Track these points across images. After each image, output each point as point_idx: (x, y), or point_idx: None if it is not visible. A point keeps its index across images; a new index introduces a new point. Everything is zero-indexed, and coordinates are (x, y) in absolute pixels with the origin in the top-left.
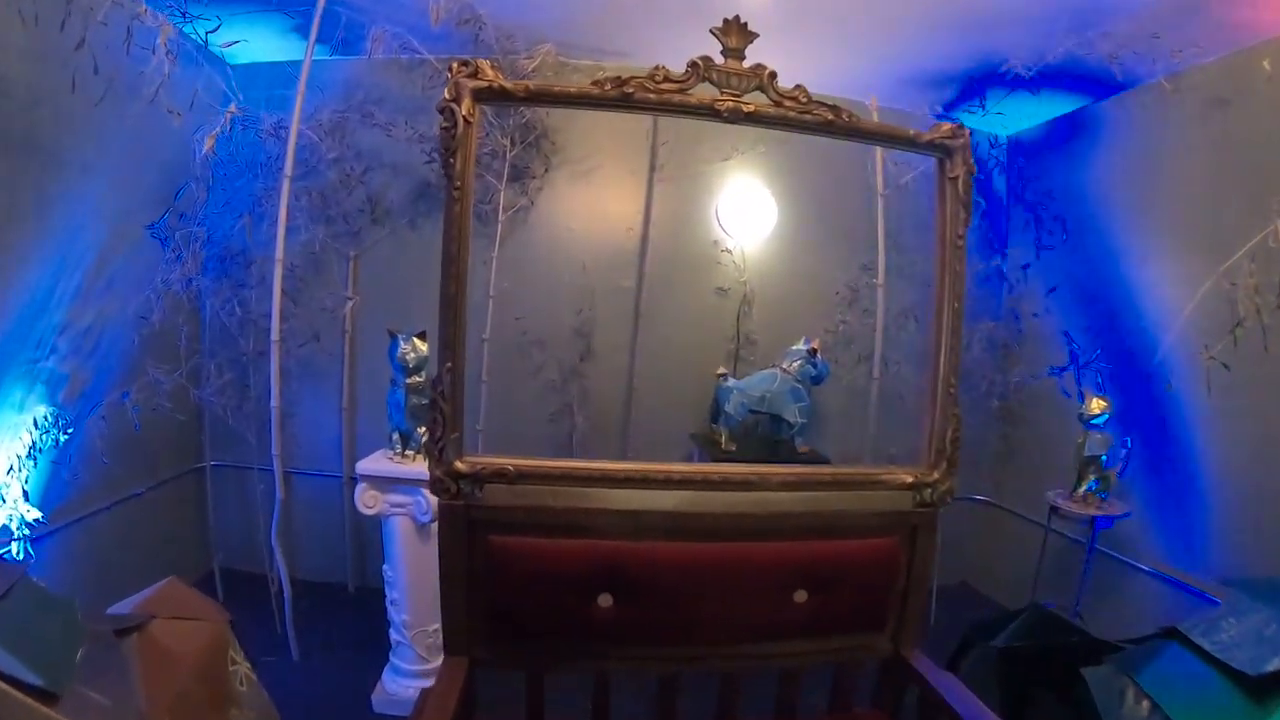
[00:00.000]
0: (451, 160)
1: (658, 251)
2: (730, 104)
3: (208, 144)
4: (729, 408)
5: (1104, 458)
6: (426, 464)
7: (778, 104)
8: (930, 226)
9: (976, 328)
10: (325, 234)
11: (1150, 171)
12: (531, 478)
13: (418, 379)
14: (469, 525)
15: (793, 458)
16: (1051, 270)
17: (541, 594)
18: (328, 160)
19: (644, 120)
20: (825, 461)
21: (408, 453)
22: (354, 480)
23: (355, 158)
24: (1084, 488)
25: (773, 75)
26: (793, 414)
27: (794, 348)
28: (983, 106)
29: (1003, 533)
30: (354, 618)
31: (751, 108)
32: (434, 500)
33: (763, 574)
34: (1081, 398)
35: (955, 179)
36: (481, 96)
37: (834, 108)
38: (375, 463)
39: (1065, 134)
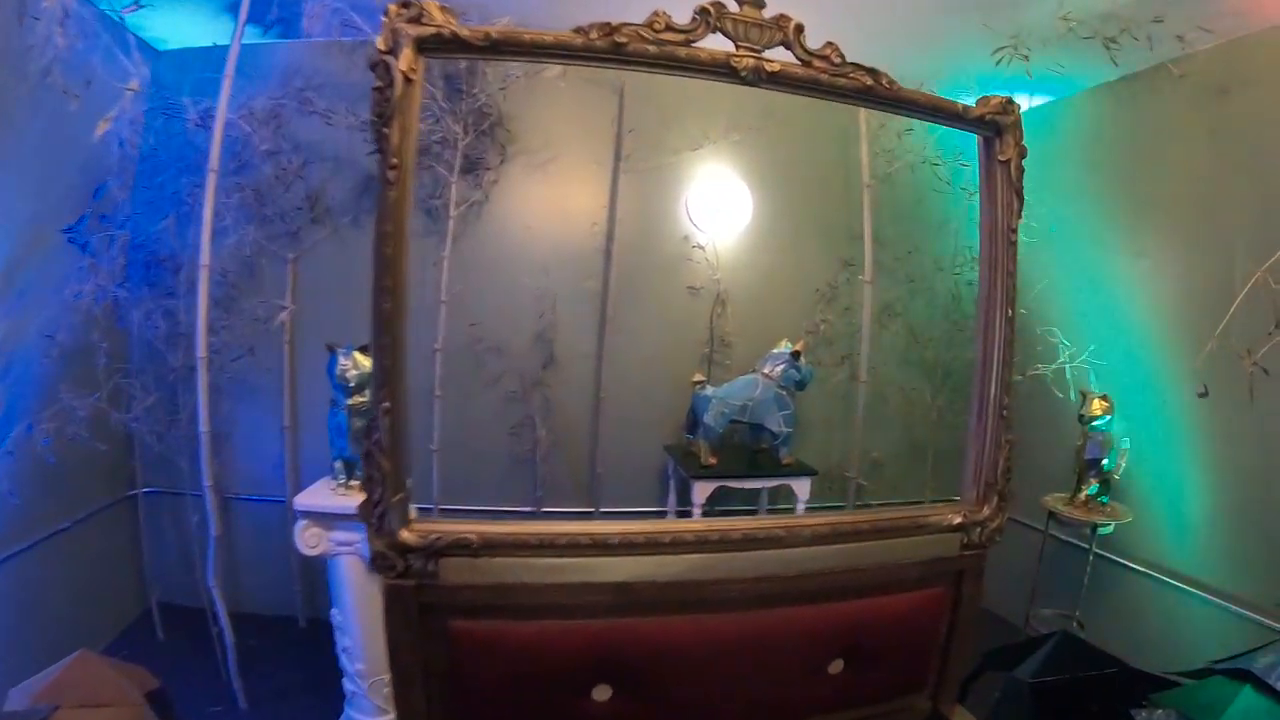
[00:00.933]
0: (386, 130)
1: (624, 249)
2: (750, 61)
3: (101, 127)
4: (708, 418)
5: (1106, 461)
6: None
7: (806, 64)
8: (915, 218)
9: (964, 322)
10: (260, 235)
11: (1147, 161)
12: (501, 547)
13: (361, 399)
14: (423, 610)
15: (776, 469)
16: (1038, 263)
17: (521, 691)
18: (262, 153)
19: (609, 105)
20: (811, 472)
21: (353, 483)
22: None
23: (293, 150)
24: (1085, 492)
25: (799, 28)
26: (777, 424)
27: (775, 351)
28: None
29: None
30: (307, 655)
31: (776, 67)
32: None
33: (792, 646)
34: (1079, 397)
35: (1007, 162)
36: (427, 46)
37: (872, 71)
38: (316, 496)
39: (1053, 120)
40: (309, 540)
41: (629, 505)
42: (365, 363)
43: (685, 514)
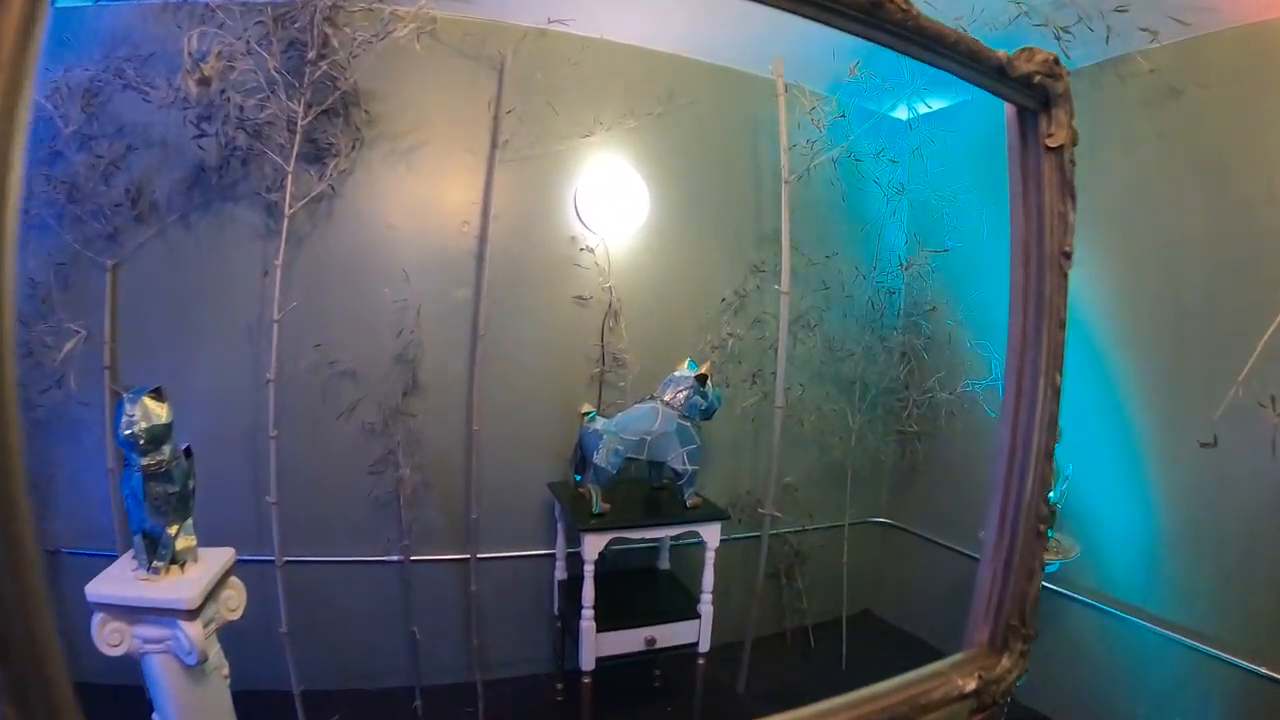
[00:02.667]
0: None
1: (501, 252)
2: None
3: None
4: (599, 458)
5: (1051, 493)
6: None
7: None
8: (835, 219)
9: (887, 334)
10: (74, 238)
11: (1088, 163)
12: None
13: (159, 457)
14: None
15: (680, 514)
16: (968, 271)
17: None
18: (76, 138)
19: (486, 83)
20: (721, 516)
21: (157, 564)
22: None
23: (116, 134)
24: None
25: None
26: (681, 461)
27: (677, 373)
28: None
29: (907, 557)
30: None
31: None
32: (198, 634)
33: None
34: None
35: (1058, 150)
36: None
37: None
38: (116, 582)
39: (981, 116)
40: (109, 638)
41: (511, 549)
42: (159, 411)
43: (575, 557)
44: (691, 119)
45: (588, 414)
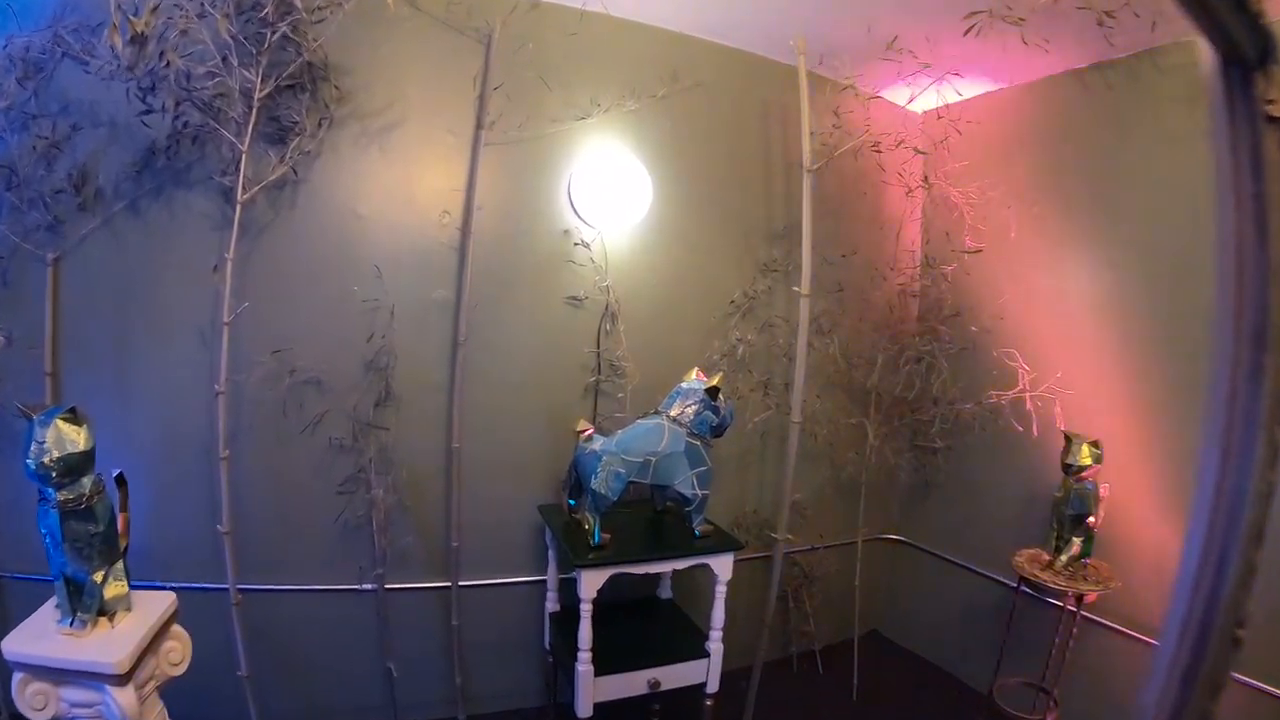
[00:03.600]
0: None
1: (486, 247)
2: None
3: None
4: (599, 483)
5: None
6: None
7: None
8: (853, 216)
9: (906, 339)
10: (10, 228)
11: (1121, 159)
12: None
13: (77, 491)
14: None
15: (688, 545)
16: (990, 276)
17: None
18: (14, 116)
19: (471, 58)
20: (734, 546)
21: (82, 617)
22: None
23: (60, 112)
24: (1067, 555)
25: None
26: (690, 485)
27: (685, 385)
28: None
29: (917, 576)
30: None
31: None
32: (129, 702)
33: None
34: (1065, 441)
35: None
36: None
37: None
38: (35, 638)
39: (1007, 108)
40: (32, 701)
41: (497, 576)
42: (75, 436)
43: (568, 587)
44: (697, 103)
45: (584, 432)
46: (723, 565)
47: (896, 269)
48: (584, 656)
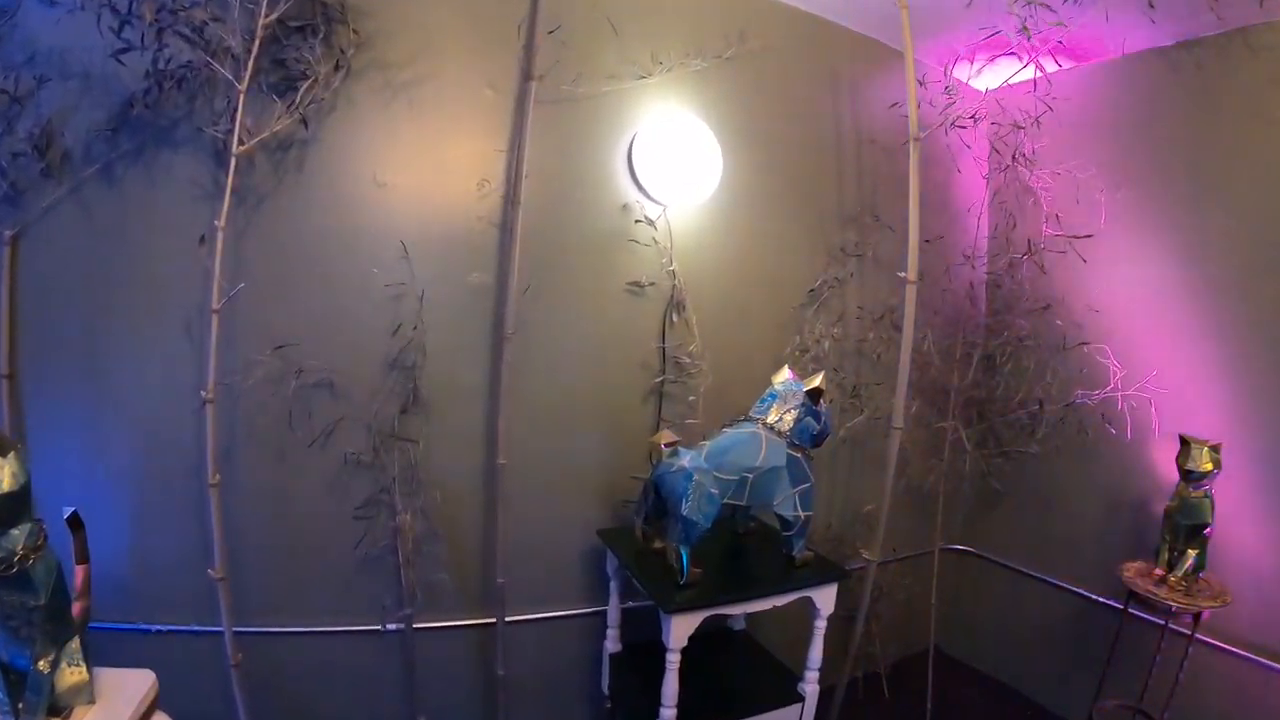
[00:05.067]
0: None
1: (533, 222)
2: None
3: None
4: (690, 509)
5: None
6: None
7: None
8: (936, 198)
9: (982, 335)
10: None
11: (1220, 143)
12: None
13: (4, 549)
14: None
15: (787, 576)
16: (1074, 265)
17: None
18: None
19: (514, 2)
20: (840, 575)
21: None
22: None
23: (26, 64)
24: (1183, 568)
25: None
26: (793, 505)
27: (779, 385)
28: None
29: (986, 589)
30: None
31: None
32: None
33: None
34: (1181, 445)
35: None
36: None
37: None
38: None
39: (1096, 84)
40: None
41: (543, 610)
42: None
43: (632, 623)
44: (765, 69)
45: (667, 446)
46: (826, 597)
47: (973, 256)
48: (668, 715)
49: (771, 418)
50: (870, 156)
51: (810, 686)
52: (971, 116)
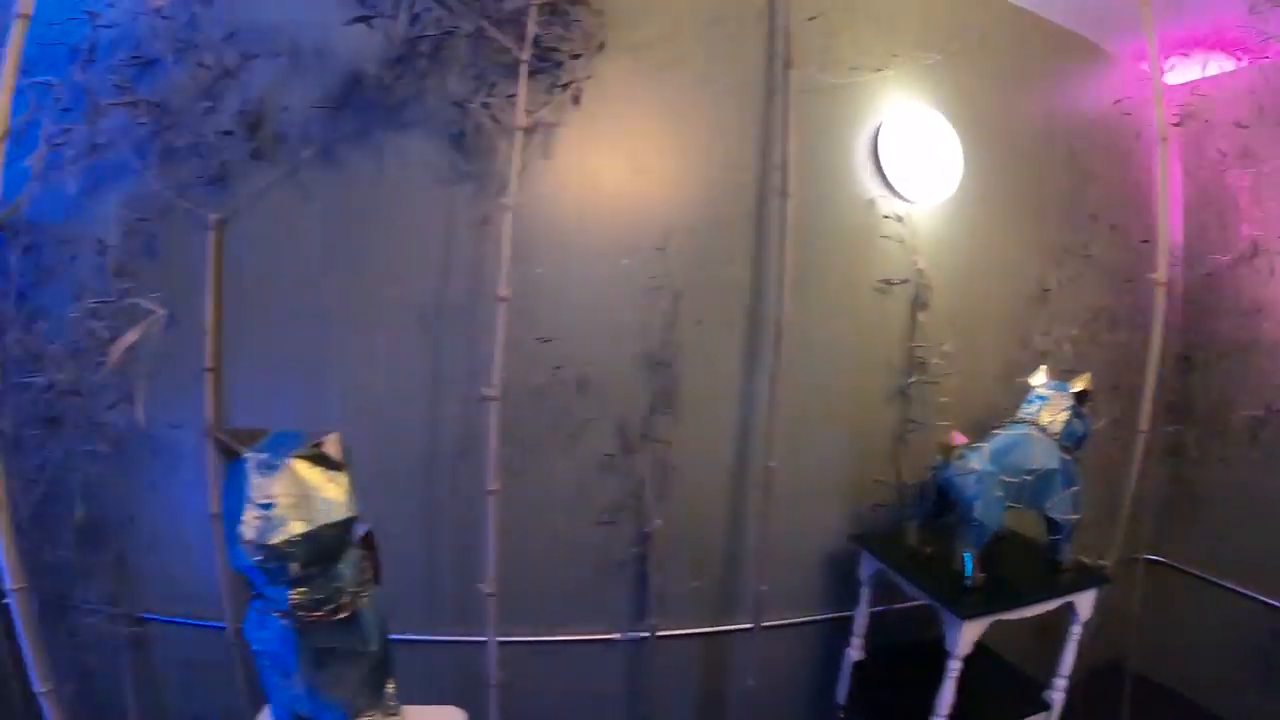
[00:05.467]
0: None
1: (784, 217)
2: None
3: None
4: (981, 509)
5: None
6: None
7: None
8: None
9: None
10: (164, 183)
11: None
12: None
13: (331, 588)
14: None
15: (1055, 580)
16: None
17: None
18: (173, 42)
19: None
20: (1102, 578)
21: None
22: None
23: (228, 41)
24: None
25: None
26: (1066, 508)
27: (1044, 387)
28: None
29: (1177, 602)
30: None
31: None
32: None
33: None
34: None
35: None
36: None
37: None
38: None
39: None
40: None
41: (784, 617)
42: (330, 489)
43: (882, 626)
44: (989, 64)
45: (959, 448)
46: (1086, 602)
47: (1183, 257)
48: None
49: (1044, 419)
50: (1090, 156)
51: (1058, 694)
52: (1181, 112)
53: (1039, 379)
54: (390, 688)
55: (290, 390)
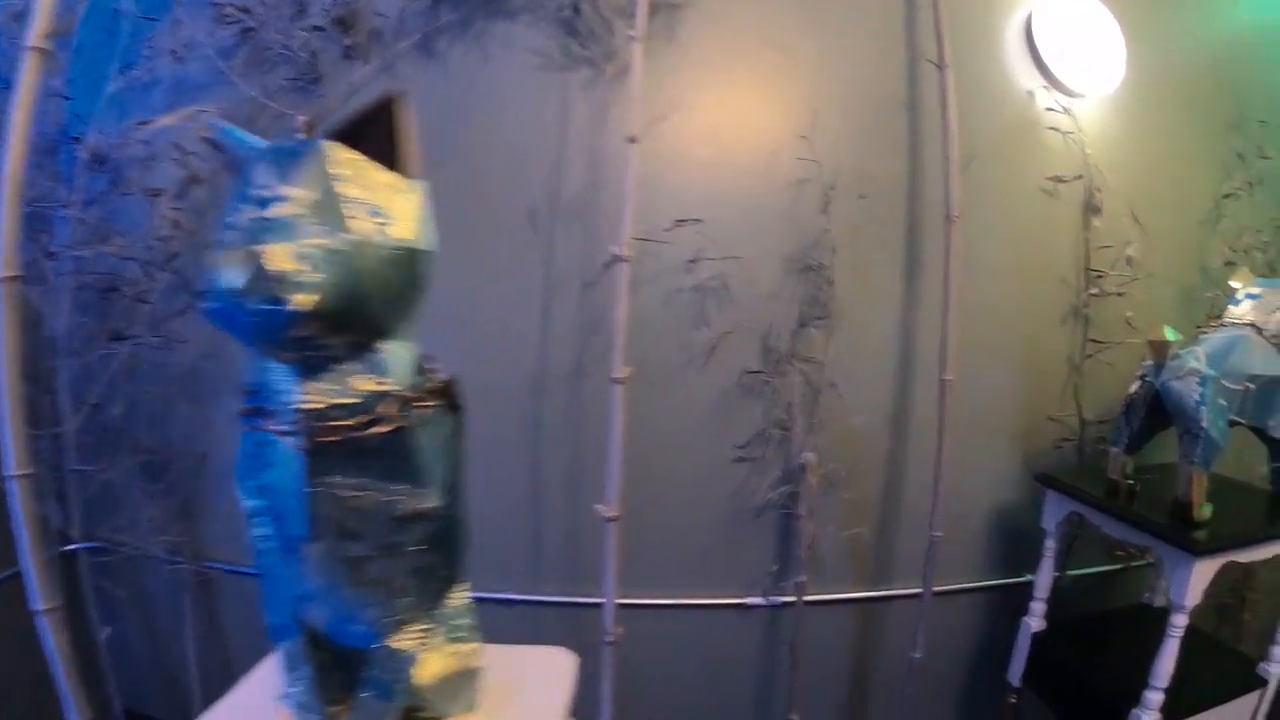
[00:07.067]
0: None
1: (936, 103)
2: None
3: None
4: (1210, 420)
5: None
6: None
7: None
8: None
9: None
10: (248, 85)
11: None
12: None
13: (378, 386)
14: None
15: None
16: None
17: None
18: None
19: None
20: None
21: None
22: None
23: None
24: None
25: None
26: None
27: (1251, 286)
28: None
29: None
30: None
31: None
32: None
33: None
34: None
35: None
36: None
37: None
38: None
39: None
40: None
41: (956, 580)
42: (375, 187)
43: (1070, 590)
44: None
45: (1170, 345)
46: None
47: None
48: (1154, 699)
49: (1259, 318)
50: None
51: (1275, 667)
52: None
53: (1242, 278)
54: (461, 596)
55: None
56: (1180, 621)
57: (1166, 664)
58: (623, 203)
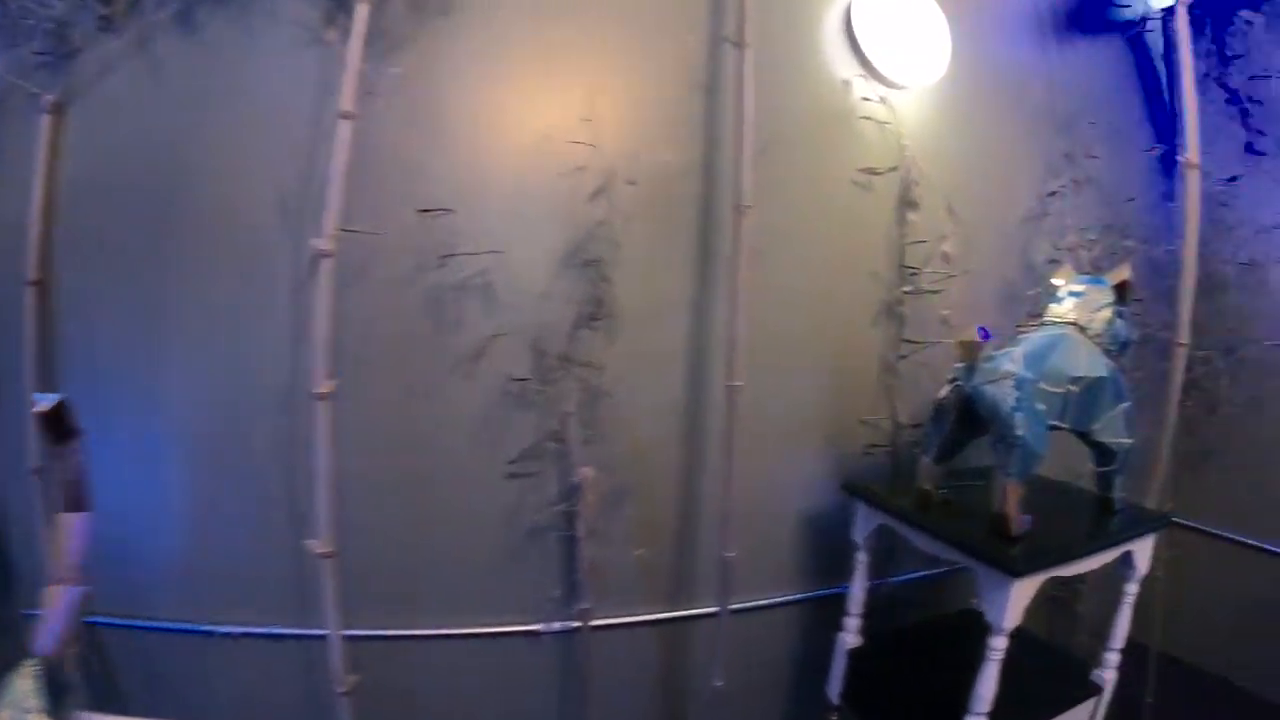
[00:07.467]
0: None
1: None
2: None
3: None
4: (1022, 426)
5: None
6: None
7: None
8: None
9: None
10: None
11: None
12: None
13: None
14: None
15: (1109, 525)
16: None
17: None
18: None
19: None
20: (1161, 521)
21: None
22: None
23: None
24: None
25: None
26: (1116, 429)
27: (1077, 284)
28: None
29: (1192, 566)
30: None
31: None
32: None
33: None
34: None
35: None
36: None
37: None
38: None
39: None
40: None
41: (753, 596)
42: None
43: (885, 606)
44: None
45: (981, 346)
46: (1144, 551)
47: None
48: None
49: (1081, 318)
50: (1083, 49)
51: (1109, 673)
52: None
53: (1063, 276)
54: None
55: (127, 300)
56: (999, 644)
57: (986, 687)
58: (328, 190)
